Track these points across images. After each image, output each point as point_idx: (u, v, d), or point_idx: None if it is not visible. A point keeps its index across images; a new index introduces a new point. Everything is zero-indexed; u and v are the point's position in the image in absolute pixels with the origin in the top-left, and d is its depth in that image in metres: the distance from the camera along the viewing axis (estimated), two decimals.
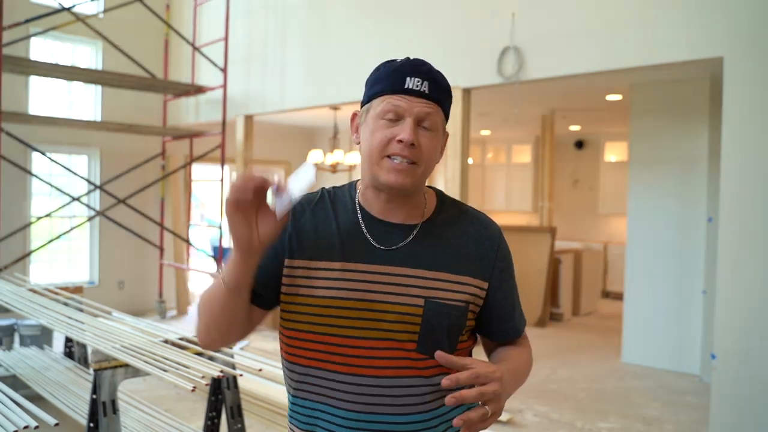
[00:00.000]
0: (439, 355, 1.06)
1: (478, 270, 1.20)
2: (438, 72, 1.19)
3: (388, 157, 1.13)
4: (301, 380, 1.19)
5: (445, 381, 1.03)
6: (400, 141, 1.11)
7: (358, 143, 1.21)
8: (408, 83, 1.14)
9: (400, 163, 1.12)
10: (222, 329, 1.17)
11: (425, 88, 1.14)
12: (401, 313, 1.14)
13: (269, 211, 1.05)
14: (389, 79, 1.15)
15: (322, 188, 1.27)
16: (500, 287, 1.24)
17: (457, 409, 1.19)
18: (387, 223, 1.19)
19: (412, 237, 1.18)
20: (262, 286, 1.19)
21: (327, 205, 1.23)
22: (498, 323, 1.26)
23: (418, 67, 1.16)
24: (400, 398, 1.14)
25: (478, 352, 1.32)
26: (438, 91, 1.16)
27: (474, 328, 1.26)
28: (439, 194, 1.28)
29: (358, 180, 1.27)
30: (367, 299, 1.15)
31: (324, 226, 1.20)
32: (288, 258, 1.18)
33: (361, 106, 1.21)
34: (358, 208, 1.21)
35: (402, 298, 1.15)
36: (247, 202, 1.02)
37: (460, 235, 1.22)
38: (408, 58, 1.19)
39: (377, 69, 1.20)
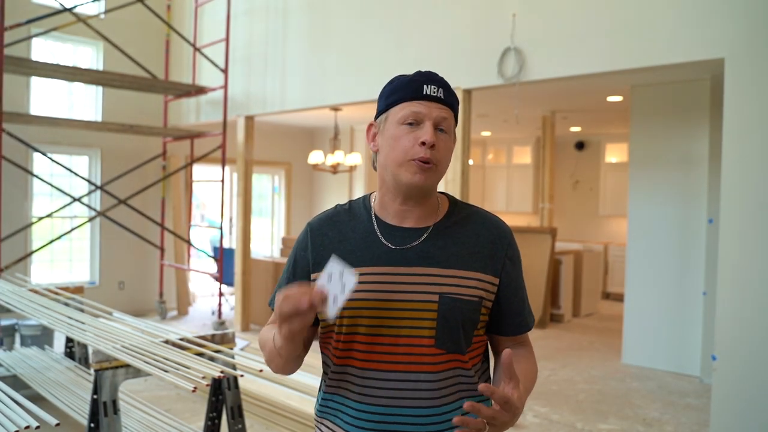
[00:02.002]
0: (482, 387, 1.08)
1: (489, 267, 1.28)
2: (447, 81, 1.30)
3: (413, 160, 1.22)
4: (327, 373, 1.32)
5: (482, 387, 1.07)
6: (423, 143, 1.21)
7: (376, 151, 1.30)
8: (426, 90, 1.24)
9: (422, 165, 1.22)
10: (284, 368, 1.31)
11: (441, 93, 1.25)
12: (418, 310, 1.23)
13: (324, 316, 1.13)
14: (407, 88, 1.25)
15: (337, 204, 1.39)
16: (510, 283, 1.32)
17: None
18: (401, 228, 1.29)
19: (424, 237, 1.27)
20: None
21: (343, 218, 1.34)
22: (508, 318, 1.33)
23: (432, 76, 1.27)
24: (419, 392, 1.22)
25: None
26: (450, 96, 1.27)
27: (487, 326, 1.33)
28: (451, 199, 1.37)
29: (372, 193, 1.37)
30: (385, 299, 1.23)
31: (341, 237, 1.31)
32: (312, 273, 1.31)
33: (376, 118, 1.31)
34: (373, 216, 1.31)
35: (417, 296, 1.23)
36: (306, 322, 1.11)
37: (472, 234, 1.30)
38: (420, 71, 1.29)
39: (391, 82, 1.30)
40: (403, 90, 1.25)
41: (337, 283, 1.10)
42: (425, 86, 1.24)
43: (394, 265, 1.25)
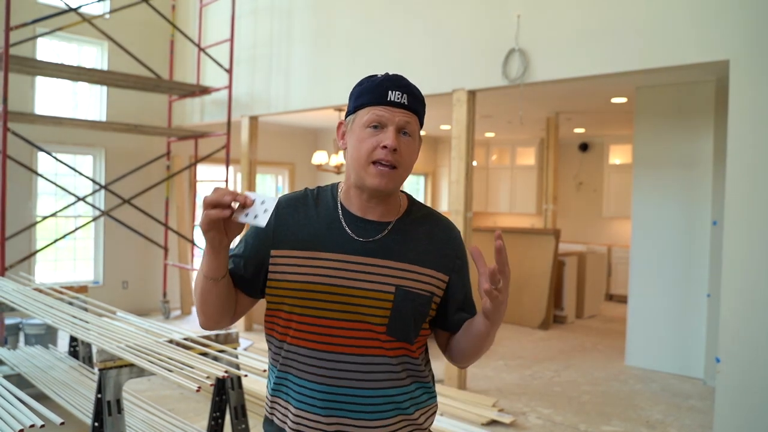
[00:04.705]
0: (474, 250, 1.20)
1: (440, 265, 1.38)
2: (414, 86, 1.36)
3: (374, 163, 1.29)
4: (280, 354, 1.36)
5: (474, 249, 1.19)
6: (385, 147, 1.28)
7: (345, 148, 1.37)
8: (390, 96, 1.31)
9: (384, 169, 1.29)
10: (210, 313, 1.38)
11: (404, 99, 1.31)
12: (374, 299, 1.31)
13: (235, 219, 1.22)
14: (373, 92, 1.32)
15: (306, 188, 1.44)
16: (458, 281, 1.42)
17: (422, 389, 1.39)
18: (364, 220, 1.36)
19: (386, 232, 1.36)
20: (250, 274, 1.39)
21: (310, 202, 1.40)
22: (454, 313, 1.42)
23: (397, 82, 1.33)
24: (368, 374, 1.31)
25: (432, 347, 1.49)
26: (415, 102, 1.33)
27: (432, 320, 1.42)
28: (410, 197, 1.46)
29: (339, 182, 1.43)
30: (344, 285, 1.31)
31: (306, 220, 1.37)
32: (273, 249, 1.36)
33: (346, 117, 1.38)
34: (339, 206, 1.38)
35: (375, 285, 1.32)
36: (222, 214, 1.19)
37: (427, 234, 1.40)
38: (387, 74, 1.35)
39: (360, 83, 1.36)
40: (369, 94, 1.32)
41: (259, 206, 1.19)
42: (390, 92, 1.30)
43: (356, 254, 1.32)
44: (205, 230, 1.22)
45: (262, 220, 1.19)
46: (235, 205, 1.20)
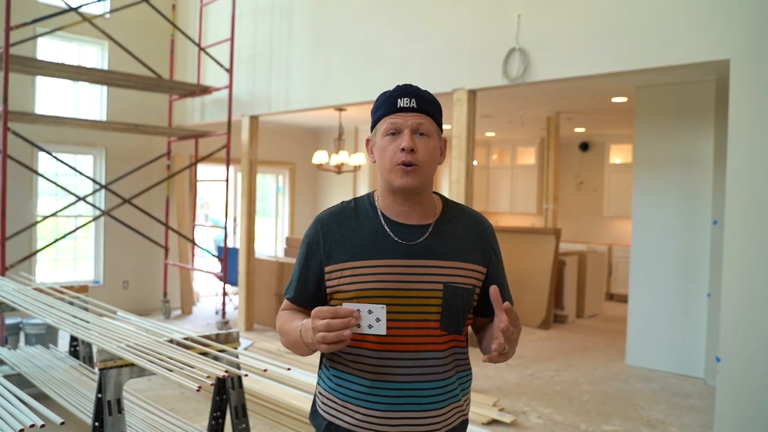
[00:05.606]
0: (494, 289, 1.30)
1: (479, 258, 1.50)
2: (424, 90, 1.47)
3: (398, 165, 1.40)
4: (339, 355, 1.46)
5: (503, 325, 1.28)
6: (403, 149, 1.40)
7: (375, 161, 1.49)
8: (400, 103, 1.43)
9: (407, 167, 1.40)
10: (305, 353, 1.48)
11: (413, 103, 1.43)
12: (426, 297, 1.42)
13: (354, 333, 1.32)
14: (385, 104, 1.45)
15: (342, 201, 1.55)
16: (495, 271, 1.54)
17: (467, 375, 1.52)
18: (405, 225, 1.47)
19: (427, 234, 1.46)
20: (313, 293, 1.50)
21: (350, 215, 1.50)
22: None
23: (405, 89, 1.45)
24: (426, 368, 1.42)
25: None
26: (425, 104, 1.44)
27: (474, 308, 1.53)
28: (444, 198, 1.57)
29: (374, 191, 1.55)
30: (396, 288, 1.41)
31: (351, 232, 1.47)
32: (326, 265, 1.47)
33: (371, 132, 1.52)
34: (380, 214, 1.49)
35: (425, 285, 1.42)
36: (346, 343, 1.29)
37: (464, 230, 1.51)
38: (398, 86, 1.47)
39: (377, 99, 1.49)
40: (383, 106, 1.45)
41: (368, 316, 1.29)
42: (399, 100, 1.42)
43: (403, 258, 1.42)
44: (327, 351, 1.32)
45: (382, 329, 1.29)
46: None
